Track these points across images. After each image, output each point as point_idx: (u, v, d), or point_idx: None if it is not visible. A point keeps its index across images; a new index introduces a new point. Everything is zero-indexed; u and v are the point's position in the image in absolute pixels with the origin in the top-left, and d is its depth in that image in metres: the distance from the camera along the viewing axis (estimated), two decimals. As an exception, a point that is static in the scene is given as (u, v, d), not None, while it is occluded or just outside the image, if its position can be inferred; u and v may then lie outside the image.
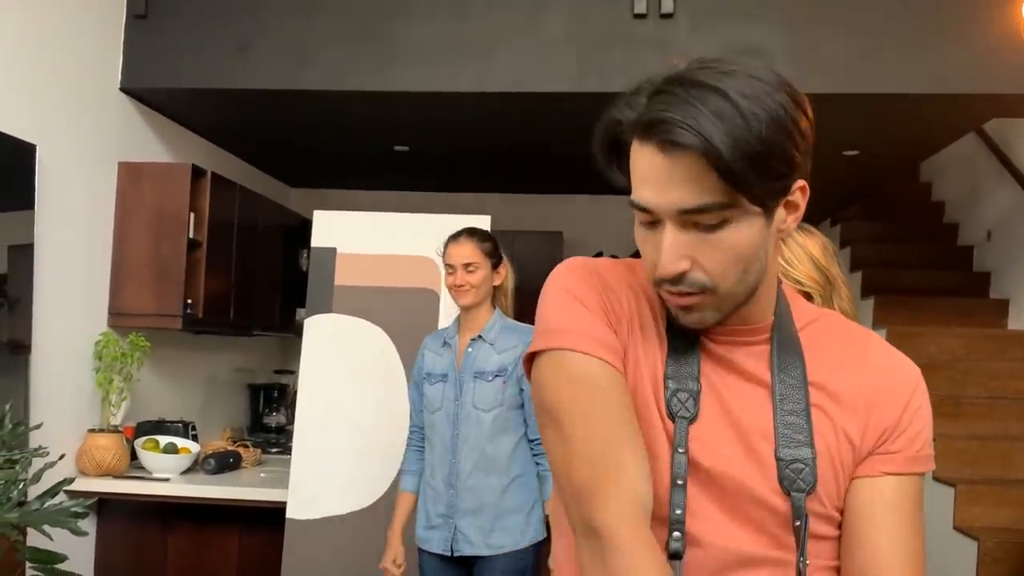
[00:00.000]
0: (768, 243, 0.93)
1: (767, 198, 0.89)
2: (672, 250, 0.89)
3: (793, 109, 0.88)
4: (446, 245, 2.78)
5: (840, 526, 0.98)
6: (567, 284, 1.00)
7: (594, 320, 0.97)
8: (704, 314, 0.94)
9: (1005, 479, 4.15)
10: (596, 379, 0.94)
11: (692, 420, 0.94)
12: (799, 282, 1.83)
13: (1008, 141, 5.21)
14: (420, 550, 2.76)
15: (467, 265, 2.70)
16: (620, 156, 0.94)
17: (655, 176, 0.88)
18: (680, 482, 0.92)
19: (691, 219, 0.88)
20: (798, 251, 1.85)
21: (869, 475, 0.97)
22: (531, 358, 1.00)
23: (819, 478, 0.94)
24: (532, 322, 1.04)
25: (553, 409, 0.95)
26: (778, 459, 0.94)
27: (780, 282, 1.04)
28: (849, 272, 5.71)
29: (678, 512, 0.92)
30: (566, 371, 0.95)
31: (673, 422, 0.94)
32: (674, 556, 0.91)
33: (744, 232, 0.89)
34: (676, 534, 0.91)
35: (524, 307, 5.24)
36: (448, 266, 2.74)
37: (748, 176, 0.84)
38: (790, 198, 0.92)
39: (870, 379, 0.99)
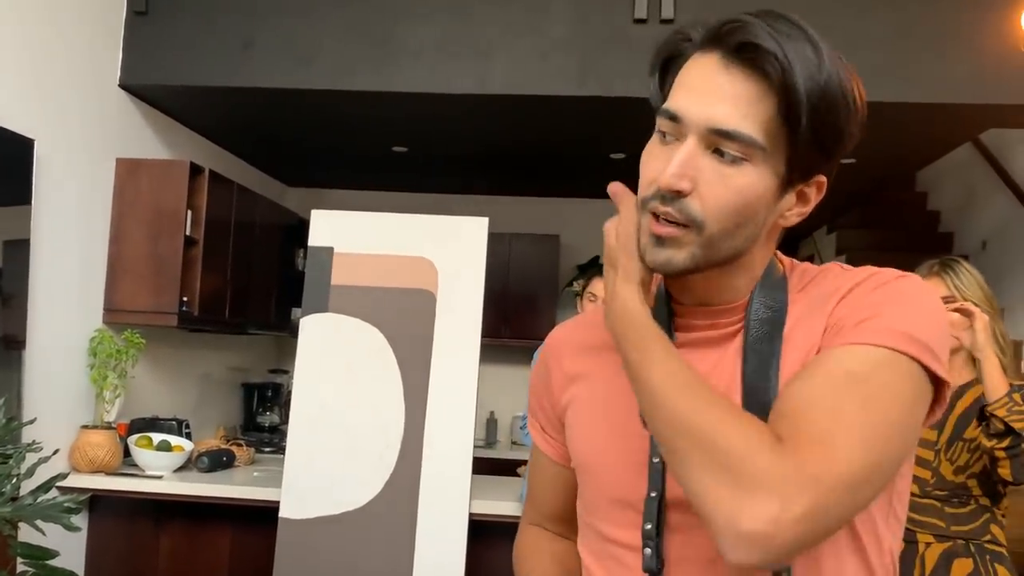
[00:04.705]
0: (769, 215, 0.86)
1: (797, 165, 0.83)
2: (684, 164, 0.82)
3: (855, 101, 0.83)
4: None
5: None
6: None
7: (535, 423, 1.12)
8: (676, 253, 0.85)
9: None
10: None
11: None
12: (975, 304, 2.25)
13: (1004, 152, 5.23)
14: None
15: None
16: (666, 73, 0.90)
17: (704, 88, 0.83)
18: (654, 494, 0.89)
19: (716, 142, 0.82)
20: (971, 279, 2.26)
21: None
22: None
23: None
24: (527, 325, 1.06)
25: None
26: None
27: (779, 260, 0.95)
28: (844, 280, 5.71)
29: (648, 527, 0.88)
30: None
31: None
32: (648, 572, 0.88)
33: (756, 182, 0.83)
34: (647, 551, 0.88)
35: (520, 311, 5.26)
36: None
37: (807, 129, 0.80)
38: (805, 188, 0.87)
39: (833, 289, 0.88)
